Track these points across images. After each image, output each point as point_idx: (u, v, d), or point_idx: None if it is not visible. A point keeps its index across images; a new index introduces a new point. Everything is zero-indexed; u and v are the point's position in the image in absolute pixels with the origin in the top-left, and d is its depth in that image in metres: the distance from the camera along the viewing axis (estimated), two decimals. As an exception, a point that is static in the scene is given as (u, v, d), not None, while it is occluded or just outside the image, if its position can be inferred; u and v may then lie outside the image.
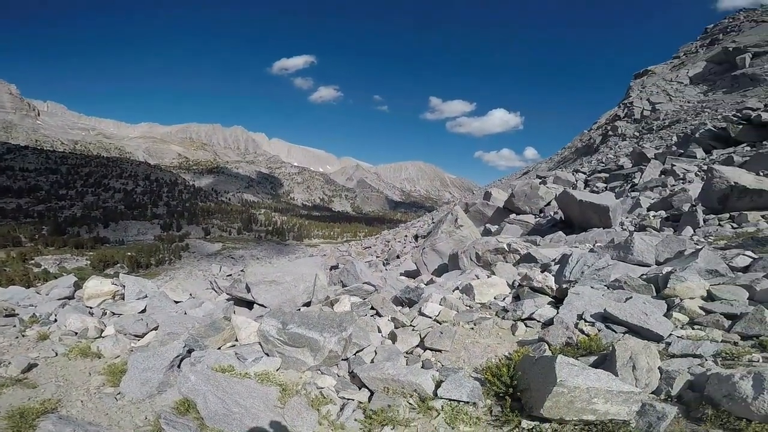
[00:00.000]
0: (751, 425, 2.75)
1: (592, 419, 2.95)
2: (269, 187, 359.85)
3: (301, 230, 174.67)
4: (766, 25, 51.06)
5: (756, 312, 3.81)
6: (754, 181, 10.05)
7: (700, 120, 33.10)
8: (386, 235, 36.61)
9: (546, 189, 18.95)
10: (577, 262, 5.59)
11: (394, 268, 17.37)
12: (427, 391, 3.51)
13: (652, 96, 50.23)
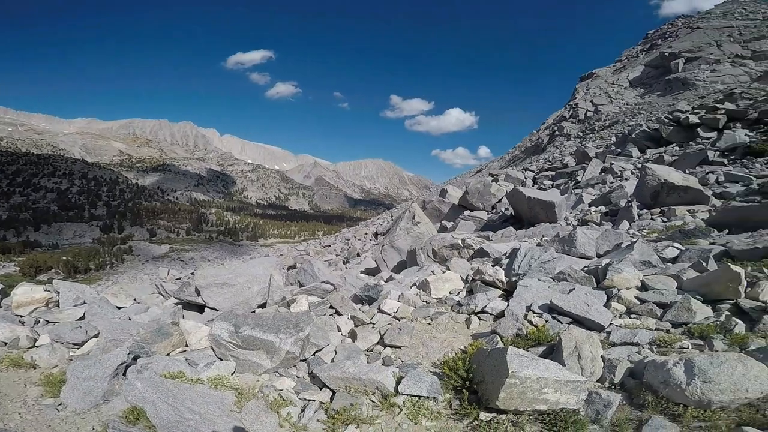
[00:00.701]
0: (688, 410, 2.90)
1: (544, 409, 3.05)
2: (221, 185, 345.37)
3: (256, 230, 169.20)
4: (700, 31, 55.52)
5: (684, 301, 4.13)
6: (681, 178, 11.03)
7: (636, 121, 35.69)
8: (346, 234, 36.45)
9: (498, 186, 19.68)
10: (525, 256, 5.87)
11: (355, 266, 17.34)
12: (389, 388, 3.53)
13: (595, 98, 53.45)
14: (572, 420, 2.96)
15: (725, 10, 65.04)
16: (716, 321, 3.88)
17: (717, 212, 8.89)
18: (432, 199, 24.31)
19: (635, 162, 19.96)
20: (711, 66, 44.80)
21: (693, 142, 19.66)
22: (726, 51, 47.37)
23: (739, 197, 10.06)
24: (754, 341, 3.53)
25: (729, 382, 2.84)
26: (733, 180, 11.92)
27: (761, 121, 18.09)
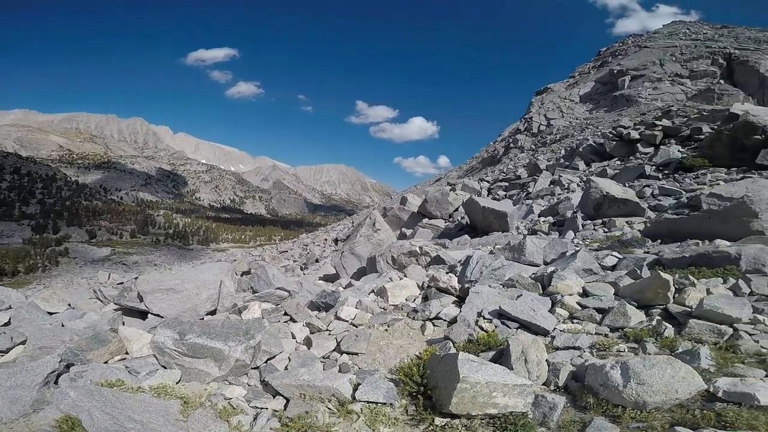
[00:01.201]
0: (626, 411, 3.02)
1: (494, 413, 3.11)
2: (171, 185, 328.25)
3: (208, 233, 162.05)
4: (647, 50, 59.77)
5: (620, 306, 4.42)
6: (621, 191, 11.88)
7: (584, 136, 37.97)
8: (304, 239, 35.83)
9: (455, 196, 20.21)
10: (476, 264, 6.07)
11: (313, 273, 17.11)
12: (345, 394, 3.51)
13: (548, 112, 56.27)
14: (521, 423, 3.04)
15: (671, 30, 70.76)
16: (649, 325, 4.18)
17: (651, 224, 9.65)
18: (393, 206, 24.57)
19: (581, 175, 21.24)
20: (653, 84, 48.60)
21: (633, 157, 21.20)
22: (667, 70, 51.37)
23: (670, 210, 10.98)
24: (681, 344, 3.82)
25: (660, 383, 2.99)
26: (666, 193, 13.01)
27: (693, 138, 19.88)
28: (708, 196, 8.45)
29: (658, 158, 18.05)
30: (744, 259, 5.57)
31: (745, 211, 7.81)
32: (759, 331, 3.86)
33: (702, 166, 15.26)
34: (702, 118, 22.78)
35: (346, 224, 37.96)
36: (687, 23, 75.28)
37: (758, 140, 14.51)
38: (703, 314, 4.04)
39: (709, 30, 67.10)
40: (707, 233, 8.04)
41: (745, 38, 58.47)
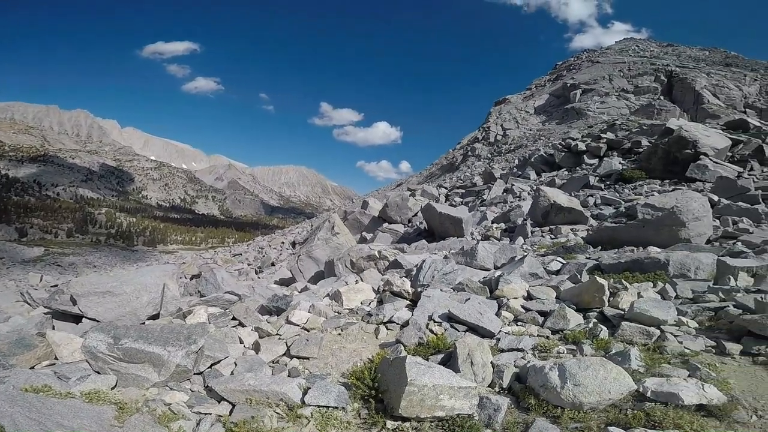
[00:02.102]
0: (565, 412, 3.09)
1: (442, 415, 3.13)
2: (115, 182, 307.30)
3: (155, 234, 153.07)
4: (599, 65, 63.40)
5: (560, 309, 4.64)
6: (566, 200, 12.59)
7: (536, 146, 39.84)
8: (260, 242, 34.78)
9: (414, 201, 20.51)
10: (429, 268, 6.19)
11: (269, 276, 16.68)
12: (294, 399, 3.44)
13: (505, 122, 58.47)
14: (468, 425, 3.07)
15: (622, 47, 75.64)
16: (586, 327, 4.41)
17: (593, 231, 10.30)
18: (354, 210, 24.51)
19: (532, 184, 22.28)
20: (601, 98, 51.85)
21: (580, 168, 22.55)
22: (615, 85, 54.99)
23: (610, 219, 11.78)
24: (615, 345, 4.04)
25: (594, 384, 3.10)
26: (607, 203, 13.95)
27: (633, 150, 21.46)
28: (643, 206, 9.15)
29: (601, 169, 19.32)
30: (672, 265, 6.08)
31: (674, 221, 8.54)
32: (683, 333, 4.17)
33: (639, 178, 16.51)
34: (642, 132, 24.69)
35: (305, 227, 37.35)
36: (637, 41, 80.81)
37: (689, 154, 15.94)
38: (633, 317, 4.32)
39: (656, 48, 72.52)
40: (642, 241, 8.70)
41: (687, 56, 63.94)
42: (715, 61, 60.22)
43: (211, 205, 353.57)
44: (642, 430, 2.80)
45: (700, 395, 3.03)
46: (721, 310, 4.51)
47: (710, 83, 47.79)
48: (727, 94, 46.41)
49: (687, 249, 7.00)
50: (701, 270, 5.87)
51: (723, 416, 2.99)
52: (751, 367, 3.66)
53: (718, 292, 4.96)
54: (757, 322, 3.86)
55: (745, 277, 5.39)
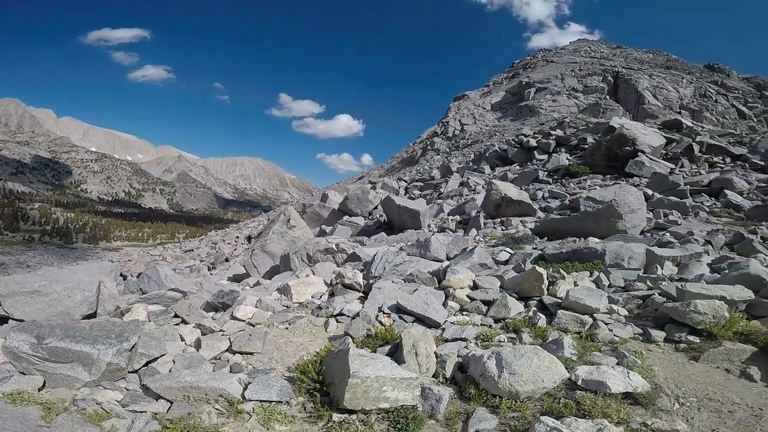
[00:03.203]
0: (503, 401, 3.12)
1: (387, 407, 3.12)
2: (50, 175, 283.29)
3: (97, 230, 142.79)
4: (553, 65, 65.83)
5: (502, 298, 4.78)
6: (516, 193, 13.08)
7: (491, 142, 41.06)
8: (213, 237, 33.41)
9: (375, 194, 20.54)
10: (380, 260, 6.21)
11: (222, 273, 16.14)
12: (234, 394, 3.38)
13: (463, 118, 59.72)
14: (412, 416, 3.08)
15: (575, 47, 79.04)
16: (526, 316, 4.57)
17: (540, 223, 10.78)
18: (313, 203, 24.15)
19: (486, 177, 22.98)
20: (553, 96, 54.15)
21: (530, 163, 23.54)
22: (567, 84, 57.55)
23: (556, 211, 12.38)
24: (551, 333, 4.18)
25: (529, 373, 3.15)
26: (554, 196, 14.64)
27: (579, 147, 22.66)
28: (585, 200, 9.68)
29: (550, 165, 20.25)
30: (608, 255, 6.47)
31: (612, 213, 9.10)
32: (613, 321, 4.38)
33: (584, 173, 17.48)
34: (588, 129, 26.09)
35: (261, 221, 36.34)
36: (590, 42, 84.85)
37: (628, 151, 17.04)
38: (569, 305, 4.50)
39: (606, 49, 76.46)
40: (583, 231, 9.20)
41: (633, 58, 67.95)
42: (657, 64, 64.52)
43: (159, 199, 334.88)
44: (572, 419, 2.84)
45: (626, 383, 3.13)
46: (648, 298, 4.78)
47: (651, 85, 51.28)
48: (666, 96, 50.05)
49: (622, 239, 7.49)
50: (634, 259, 6.28)
51: (648, 404, 3.11)
52: (674, 354, 3.87)
53: (646, 280, 5.32)
54: (678, 309, 4.09)
55: (669, 266, 5.84)
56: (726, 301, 4.15)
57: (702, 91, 52.13)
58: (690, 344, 3.90)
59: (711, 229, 8.64)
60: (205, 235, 40.61)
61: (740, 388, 3.35)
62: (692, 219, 10.16)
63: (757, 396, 3.24)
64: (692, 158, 17.77)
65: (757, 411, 3.06)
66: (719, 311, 3.94)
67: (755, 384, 3.39)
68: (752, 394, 3.27)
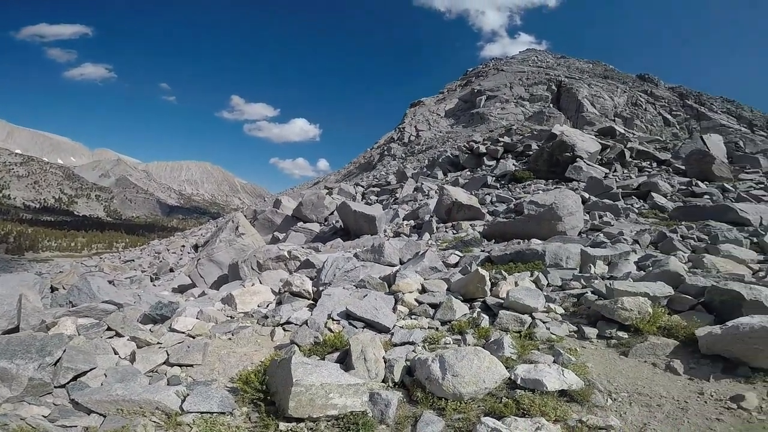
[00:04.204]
0: (448, 403, 3.16)
1: (335, 413, 3.10)
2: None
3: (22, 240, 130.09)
4: (503, 73, 68.34)
5: (448, 301, 4.89)
6: (466, 198, 13.51)
7: (444, 148, 42.09)
8: (157, 246, 31.48)
9: (331, 199, 20.36)
10: (331, 266, 6.17)
11: (166, 283, 15.26)
12: (172, 406, 3.25)
13: (418, 124, 60.71)
14: (362, 422, 3.07)
15: (524, 57, 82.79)
16: (470, 317, 4.69)
17: (488, 226, 11.20)
18: (265, 209, 23.48)
19: (439, 183, 23.57)
20: (502, 104, 56.47)
21: (480, 168, 24.42)
22: (515, 92, 60.11)
23: (502, 214, 12.93)
24: (494, 333, 4.29)
25: (470, 374, 3.23)
26: (501, 200, 15.28)
27: (524, 153, 23.82)
28: (528, 203, 10.19)
29: (498, 170, 21.14)
30: (548, 255, 6.84)
31: (553, 215, 9.64)
32: (551, 319, 4.59)
33: (528, 178, 18.41)
34: (533, 136, 27.53)
35: (210, 228, 34.80)
36: (537, 52, 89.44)
37: (568, 157, 18.16)
38: (509, 305, 4.69)
39: (551, 59, 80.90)
40: (527, 234, 9.68)
41: (575, 68, 72.37)
42: (596, 74, 69.23)
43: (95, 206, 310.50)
44: (513, 418, 2.90)
45: (561, 381, 3.28)
46: (582, 296, 5.06)
47: (590, 94, 55.05)
48: (602, 104, 53.95)
49: (561, 241, 7.95)
50: (571, 259, 6.69)
51: (583, 401, 3.25)
52: (606, 350, 4.09)
53: (580, 279, 5.67)
54: (607, 306, 4.36)
55: (601, 265, 6.27)
56: (649, 298, 4.46)
57: (634, 100, 56.76)
58: (620, 340, 4.14)
59: (639, 229, 9.39)
60: (147, 244, 38.17)
61: (666, 382, 3.55)
62: (623, 220, 11.00)
63: (681, 389, 3.45)
64: (624, 163, 19.26)
65: (683, 404, 3.25)
66: (644, 307, 4.23)
67: (679, 377, 3.61)
68: (677, 387, 3.48)
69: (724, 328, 3.69)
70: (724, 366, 3.63)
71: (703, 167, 15.96)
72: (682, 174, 16.93)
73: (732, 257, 6.43)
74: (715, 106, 55.95)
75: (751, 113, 53.84)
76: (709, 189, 13.72)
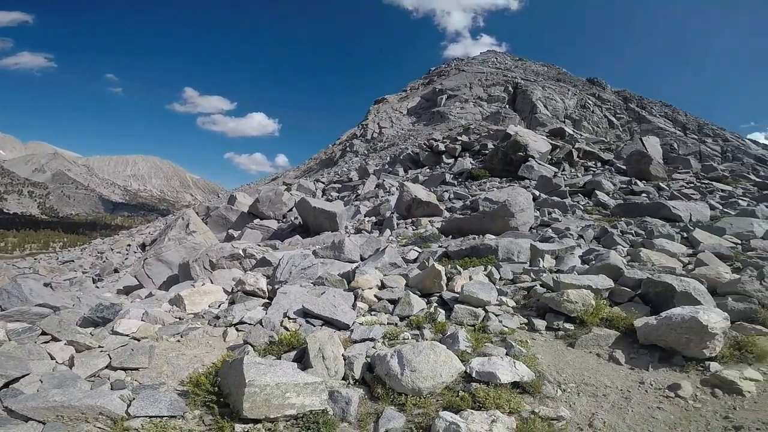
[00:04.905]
0: (408, 399, 3.18)
1: (294, 413, 3.04)
2: None
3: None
4: (463, 74, 69.52)
5: (406, 296, 4.93)
6: (426, 195, 13.73)
7: (406, 145, 42.41)
8: (100, 245, 29.34)
9: (289, 195, 19.95)
10: (287, 264, 6.05)
11: (110, 285, 14.33)
12: (117, 411, 3.09)
13: (381, 121, 60.69)
14: (323, 421, 3.03)
15: (484, 58, 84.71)
16: (428, 312, 4.75)
17: (446, 222, 11.46)
18: (219, 206, 22.60)
19: (400, 180, 23.77)
20: (462, 104, 57.62)
21: (439, 166, 24.87)
22: (474, 93, 61.43)
23: (459, 211, 13.28)
24: (450, 327, 4.37)
25: (428, 369, 3.28)
26: (458, 197, 15.68)
27: (481, 152, 24.51)
28: (483, 200, 10.52)
29: (456, 168, 21.64)
30: (500, 250, 7.08)
31: (506, 212, 10.02)
32: (503, 312, 4.72)
33: (484, 176, 19.00)
34: (489, 136, 28.36)
35: (158, 226, 32.97)
36: (497, 53, 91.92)
37: (521, 156, 18.90)
38: (464, 299, 4.81)
39: (509, 61, 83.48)
40: (482, 229, 9.99)
41: (531, 71, 75.09)
42: (550, 76, 72.32)
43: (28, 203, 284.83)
44: (469, 412, 2.94)
45: (513, 373, 3.39)
46: (532, 289, 5.27)
47: (543, 96, 57.49)
48: (554, 106, 56.53)
49: (513, 236, 8.28)
50: (522, 253, 6.97)
51: (534, 392, 3.37)
52: (554, 342, 4.26)
53: (530, 273, 5.92)
54: (555, 299, 4.56)
55: (549, 259, 6.59)
56: (592, 290, 4.71)
57: (583, 103, 59.95)
58: (566, 331, 4.35)
59: (584, 225, 9.97)
60: (88, 244, 35.54)
61: (610, 372, 3.75)
62: (570, 216, 11.63)
63: (624, 378, 3.65)
64: (572, 163, 20.35)
65: (627, 393, 3.43)
66: (587, 299, 4.46)
67: (621, 367, 3.82)
68: (620, 376, 3.68)
69: (659, 318, 3.96)
70: (661, 355, 3.87)
71: (641, 167, 17.19)
72: (623, 173, 18.13)
73: (665, 251, 6.97)
74: (655, 110, 60.30)
75: (685, 117, 58.58)
76: (646, 188, 14.81)
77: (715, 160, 32.48)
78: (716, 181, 16.98)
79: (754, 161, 37.79)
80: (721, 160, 38.57)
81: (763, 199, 12.96)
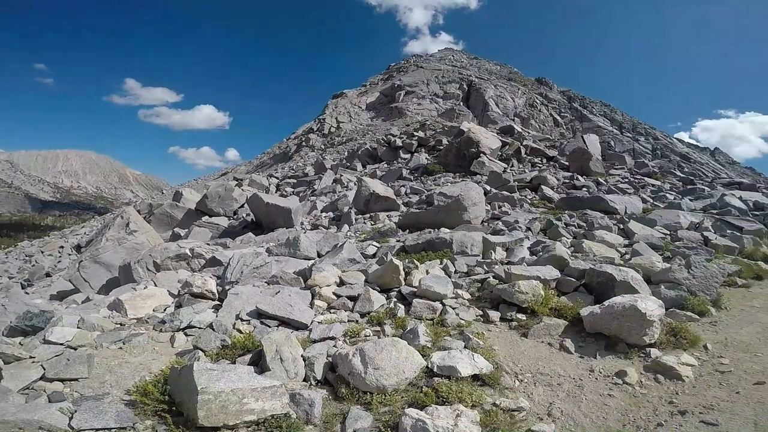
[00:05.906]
0: (374, 397, 3.13)
1: (254, 419, 2.91)
2: None
3: None
4: (421, 70, 69.93)
5: (365, 292, 4.89)
6: (383, 190, 13.79)
7: (364, 140, 42.20)
8: (27, 248, 26.72)
9: (240, 191, 19.17)
10: (237, 263, 5.81)
11: (42, 290, 13.12)
12: (59, 425, 2.85)
13: (339, 116, 59.86)
14: (286, 425, 2.92)
15: (442, 56, 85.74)
16: (388, 307, 4.75)
17: (402, 217, 11.58)
18: (163, 203, 21.27)
19: (358, 175, 23.67)
20: (419, 100, 58.20)
21: (396, 161, 25.07)
22: (431, 89, 62.16)
23: (415, 205, 13.48)
24: (409, 322, 4.39)
25: (390, 366, 3.27)
26: (414, 192, 15.90)
27: (436, 148, 24.97)
28: (438, 195, 10.73)
29: (412, 163, 21.90)
30: (455, 243, 7.26)
31: (459, 206, 10.28)
32: (459, 305, 4.81)
33: (439, 171, 19.41)
34: (444, 132, 28.96)
35: (95, 225, 30.58)
36: (454, 51, 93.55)
37: (474, 152, 19.49)
38: (422, 293, 4.86)
39: (465, 59, 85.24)
40: (437, 223, 10.20)
41: (485, 69, 77.11)
42: (502, 75, 74.77)
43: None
44: (434, 407, 2.93)
45: (472, 366, 3.45)
46: (485, 281, 5.42)
47: (495, 94, 59.42)
48: (505, 104, 58.63)
49: (466, 229, 8.52)
50: (475, 246, 7.18)
51: (494, 384, 3.44)
52: (508, 332, 4.39)
53: (483, 265, 6.11)
54: (507, 290, 4.72)
55: (500, 251, 6.85)
56: (541, 281, 4.94)
57: (531, 102, 62.70)
58: (519, 322, 4.51)
59: (531, 217, 10.47)
60: (14, 247, 32.20)
61: (562, 361, 3.91)
62: (519, 210, 12.17)
63: (575, 367, 3.82)
64: (520, 159, 21.30)
65: (579, 382, 3.59)
66: (537, 290, 4.67)
67: (572, 356, 4.00)
68: (572, 365, 3.85)
69: (602, 307, 4.23)
70: (606, 343, 4.12)
71: (582, 163, 18.33)
72: (566, 169, 19.24)
73: (605, 242, 7.47)
74: (595, 109, 64.37)
75: (621, 117, 63.09)
76: (586, 182, 15.83)
77: (646, 157, 35.28)
78: (647, 176, 18.51)
79: (680, 159, 41.67)
80: (651, 157, 42.03)
81: (687, 193, 14.32)
